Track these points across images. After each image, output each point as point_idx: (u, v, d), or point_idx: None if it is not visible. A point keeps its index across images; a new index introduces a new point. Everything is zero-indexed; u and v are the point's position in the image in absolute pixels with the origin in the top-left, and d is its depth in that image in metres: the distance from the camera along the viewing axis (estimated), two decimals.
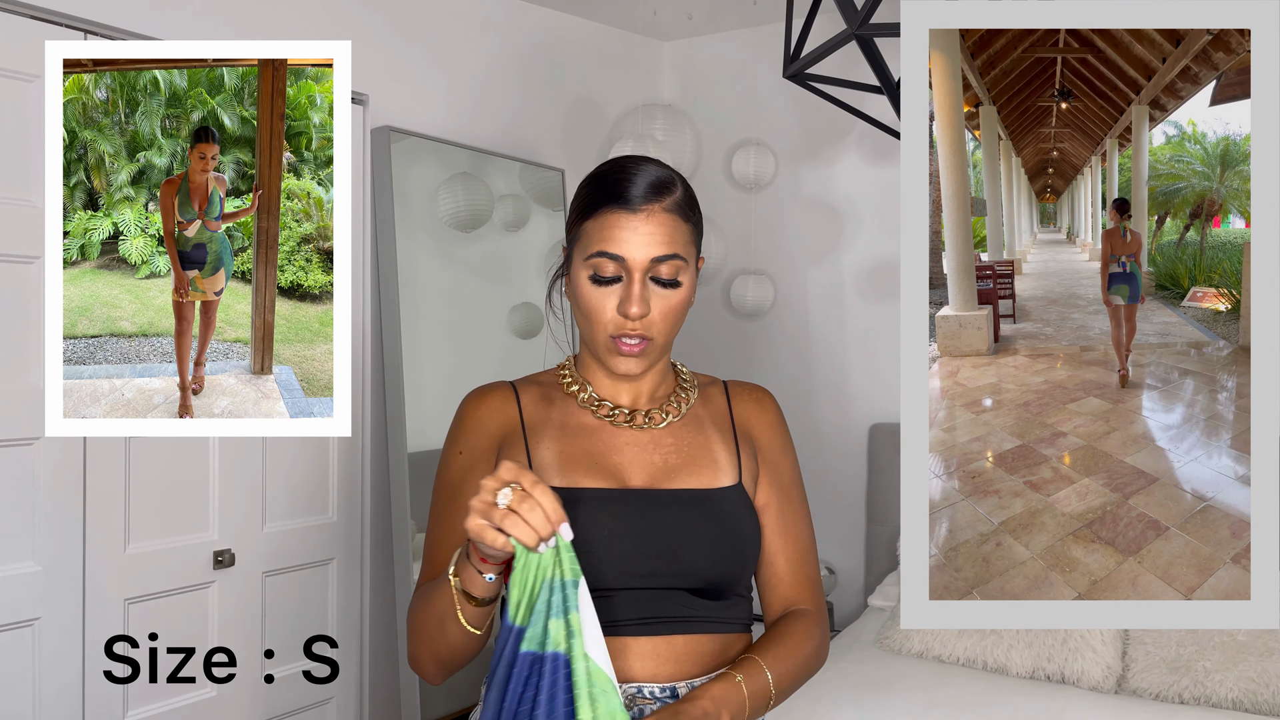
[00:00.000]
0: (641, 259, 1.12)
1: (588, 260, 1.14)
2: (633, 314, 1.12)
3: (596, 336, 1.16)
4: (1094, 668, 2.38)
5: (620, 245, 1.12)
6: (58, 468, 2.01)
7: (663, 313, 1.14)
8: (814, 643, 1.20)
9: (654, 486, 1.17)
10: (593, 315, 1.15)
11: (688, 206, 1.17)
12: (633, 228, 1.12)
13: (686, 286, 1.16)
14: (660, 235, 1.13)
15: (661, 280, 1.14)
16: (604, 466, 1.17)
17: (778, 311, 3.38)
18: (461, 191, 2.81)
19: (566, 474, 1.16)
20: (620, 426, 1.20)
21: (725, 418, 1.26)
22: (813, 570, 1.26)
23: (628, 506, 1.14)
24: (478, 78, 2.92)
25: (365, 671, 2.64)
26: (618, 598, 1.12)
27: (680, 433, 1.22)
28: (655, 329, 1.14)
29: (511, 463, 0.96)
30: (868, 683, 2.38)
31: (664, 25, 3.42)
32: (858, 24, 2.00)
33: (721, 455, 1.22)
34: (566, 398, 1.23)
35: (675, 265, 1.14)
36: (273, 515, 2.42)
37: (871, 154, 3.20)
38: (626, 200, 1.13)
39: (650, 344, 1.15)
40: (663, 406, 1.23)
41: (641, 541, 1.13)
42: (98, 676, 2.08)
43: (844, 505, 3.26)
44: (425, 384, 2.69)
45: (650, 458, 1.19)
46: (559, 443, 1.18)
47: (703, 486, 1.18)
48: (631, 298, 1.12)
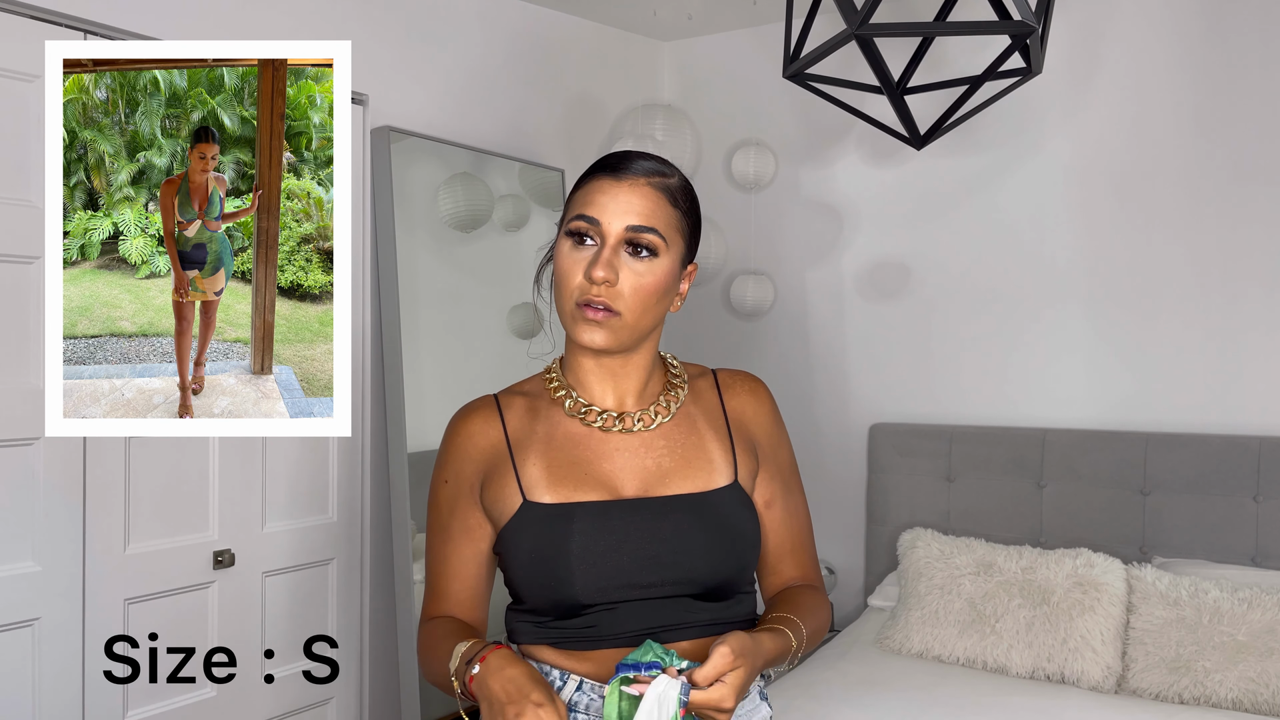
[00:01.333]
0: (617, 226, 1.10)
1: (567, 225, 1.13)
2: (596, 277, 1.08)
3: (565, 304, 1.13)
4: (1094, 668, 2.39)
5: (598, 209, 1.10)
6: (58, 468, 2.01)
7: (633, 288, 1.11)
8: (826, 612, 1.23)
9: (648, 494, 1.14)
10: (562, 280, 1.13)
11: (680, 194, 1.15)
12: (613, 193, 1.11)
13: (663, 268, 1.12)
14: (640, 205, 1.10)
15: (636, 247, 1.10)
16: (595, 477, 1.14)
17: (778, 311, 3.38)
18: (461, 191, 2.81)
19: (557, 489, 1.13)
20: (610, 432, 1.17)
21: (718, 413, 1.23)
22: (813, 549, 1.29)
23: (623, 519, 1.12)
24: (477, 78, 2.92)
25: (365, 671, 2.64)
26: (620, 610, 1.11)
27: (672, 433, 1.18)
28: (622, 303, 1.11)
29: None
30: (868, 683, 2.38)
31: (664, 25, 3.42)
32: (858, 24, 2.00)
33: (716, 454, 1.18)
34: (553, 405, 1.20)
35: (651, 239, 1.11)
36: (273, 515, 2.42)
37: (871, 154, 3.20)
38: (615, 170, 1.12)
39: (616, 319, 1.11)
40: (652, 407, 1.19)
41: (641, 553, 1.11)
42: (98, 676, 2.08)
43: (844, 505, 3.26)
44: (425, 384, 2.69)
45: (642, 462, 1.16)
46: (546, 457, 1.15)
47: (698, 490, 1.15)
48: (599, 261, 1.09)
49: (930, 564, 2.68)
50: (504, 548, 1.15)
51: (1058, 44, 2.86)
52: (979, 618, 2.53)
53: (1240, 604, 2.31)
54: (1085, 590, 2.45)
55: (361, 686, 2.64)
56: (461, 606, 1.20)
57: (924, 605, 2.63)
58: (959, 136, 3.01)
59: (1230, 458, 2.63)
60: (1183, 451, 2.69)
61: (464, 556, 1.19)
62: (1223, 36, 2.70)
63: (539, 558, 1.11)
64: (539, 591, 1.12)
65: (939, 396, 3.11)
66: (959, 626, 2.55)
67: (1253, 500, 2.61)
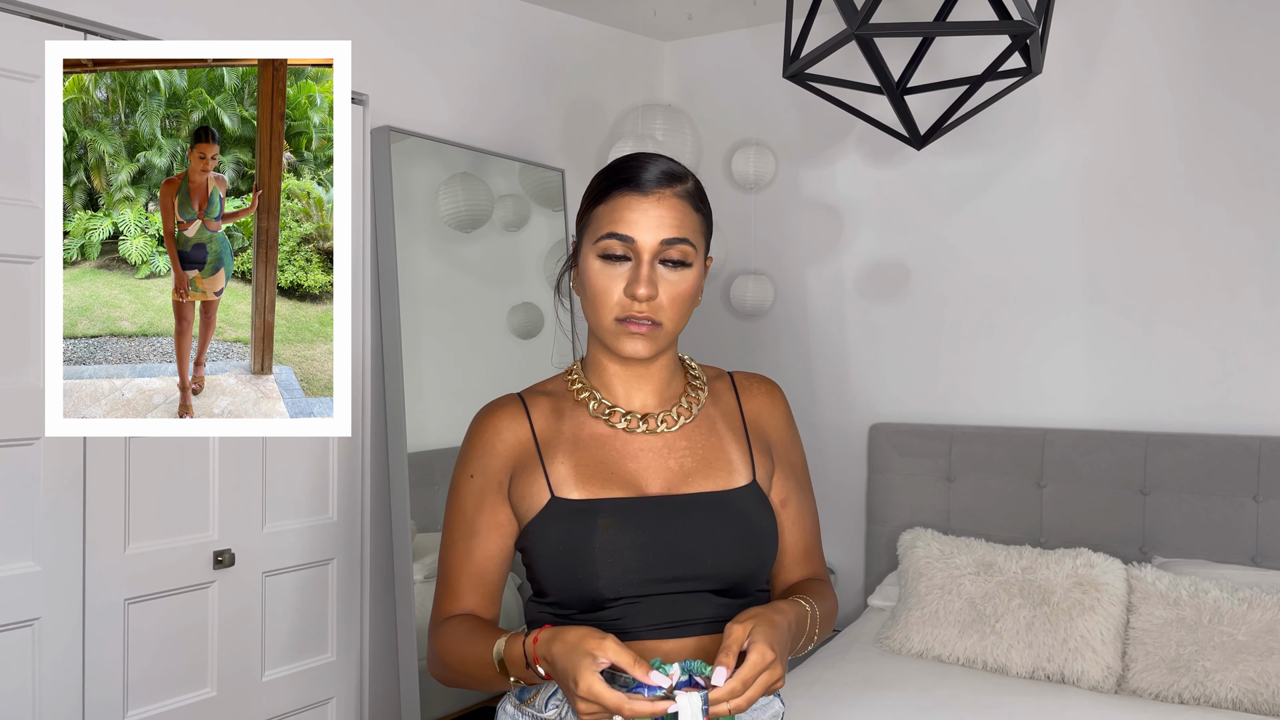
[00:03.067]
0: (651, 241, 1.12)
1: (597, 243, 1.14)
2: (641, 295, 1.11)
3: (603, 320, 1.15)
4: (1094, 668, 2.39)
5: (630, 226, 1.12)
6: (58, 468, 2.01)
7: (671, 298, 1.14)
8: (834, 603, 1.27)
9: (672, 492, 1.17)
10: (599, 298, 1.14)
11: (698, 198, 1.18)
12: (643, 209, 1.12)
13: (695, 274, 1.16)
14: (671, 218, 1.13)
15: (671, 261, 1.13)
16: (621, 476, 1.17)
17: (778, 311, 3.38)
18: (461, 191, 2.81)
19: (584, 487, 1.16)
20: (634, 433, 1.20)
21: (736, 415, 1.26)
22: (820, 546, 1.32)
23: (648, 514, 1.14)
24: (477, 78, 2.92)
25: (365, 672, 2.64)
26: (643, 604, 1.13)
27: (693, 435, 1.22)
28: (663, 314, 1.14)
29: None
30: (868, 683, 2.38)
31: (664, 25, 3.42)
32: (858, 24, 2.00)
33: (735, 455, 1.22)
34: (577, 406, 1.22)
35: (684, 250, 1.14)
36: (273, 515, 2.42)
37: (871, 154, 3.20)
38: (638, 184, 1.13)
39: (658, 329, 1.14)
40: (674, 408, 1.22)
41: (664, 548, 1.13)
42: (98, 676, 2.08)
43: (844, 505, 3.26)
44: (425, 384, 2.69)
45: (666, 463, 1.19)
46: (574, 456, 1.18)
47: (720, 488, 1.18)
48: (640, 279, 1.11)
49: (930, 564, 2.68)
50: (529, 542, 1.17)
51: (1058, 44, 2.86)
52: (979, 618, 2.53)
53: (1240, 604, 2.31)
54: (1085, 590, 2.45)
55: (361, 687, 2.64)
56: (483, 602, 1.21)
57: (924, 605, 2.63)
58: (959, 136, 3.01)
59: (1230, 458, 2.63)
60: (1183, 451, 2.69)
61: (489, 552, 1.21)
62: (1223, 37, 2.70)
63: (564, 551, 1.13)
64: (563, 585, 1.14)
65: (939, 396, 3.11)
66: (959, 626, 2.55)
67: (1253, 500, 2.61)
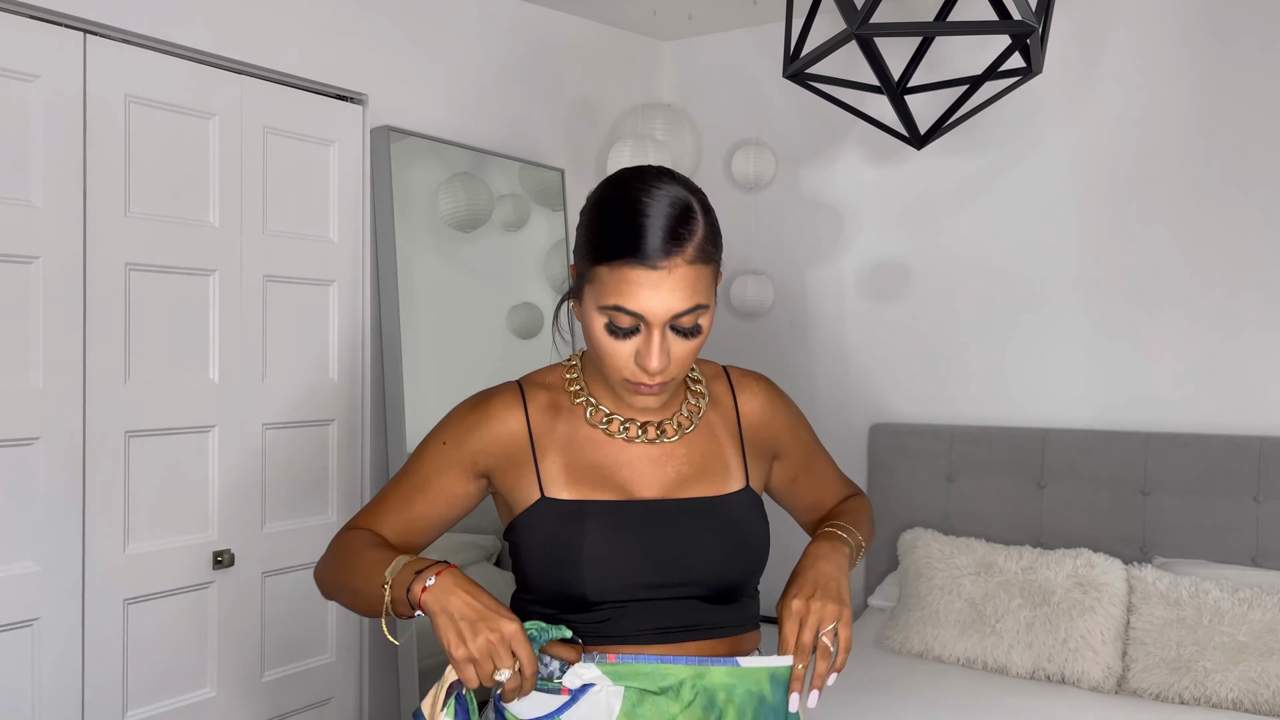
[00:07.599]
0: (662, 316, 1.04)
1: (603, 308, 1.06)
2: (652, 368, 1.06)
3: (610, 375, 1.11)
4: (1094, 668, 2.39)
5: (638, 303, 1.04)
6: (57, 468, 2.01)
7: (681, 358, 1.08)
8: (867, 507, 1.35)
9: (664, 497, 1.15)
10: (607, 360, 1.09)
11: (709, 243, 1.07)
12: (652, 284, 1.03)
13: (708, 324, 1.09)
14: (681, 291, 1.04)
15: (682, 330, 1.07)
16: (614, 481, 1.15)
17: (778, 311, 3.38)
18: (461, 191, 2.81)
19: (574, 488, 1.14)
20: (632, 441, 1.17)
21: (733, 419, 1.24)
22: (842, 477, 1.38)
23: (637, 519, 1.13)
24: (478, 77, 2.92)
25: (365, 672, 2.64)
26: (630, 609, 1.11)
27: (693, 442, 1.19)
28: (674, 370, 1.09)
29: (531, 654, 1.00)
30: (868, 683, 2.38)
31: (664, 25, 3.42)
32: (858, 24, 2.00)
33: (731, 460, 1.20)
34: (575, 406, 1.19)
35: (696, 315, 1.07)
36: (273, 515, 2.42)
37: (871, 154, 3.20)
38: (645, 256, 1.03)
39: (670, 383, 1.11)
40: (675, 417, 1.19)
41: (651, 554, 1.12)
42: (98, 676, 2.08)
43: None
44: (425, 384, 2.69)
45: (663, 470, 1.16)
46: (567, 456, 1.15)
47: (712, 494, 1.16)
48: (651, 352, 1.05)
49: (930, 564, 2.68)
50: (518, 537, 1.15)
51: (1058, 44, 2.86)
52: (979, 618, 2.53)
53: (1240, 604, 2.31)
54: (1085, 590, 2.45)
55: (361, 686, 2.64)
56: (399, 544, 1.18)
57: (924, 605, 2.63)
58: (959, 136, 3.01)
59: (1230, 458, 2.63)
60: (1183, 451, 2.69)
61: (428, 513, 1.19)
62: (1223, 36, 2.70)
63: (551, 552, 1.12)
64: (548, 585, 1.13)
65: (939, 396, 3.11)
66: (959, 627, 2.55)
67: (1253, 500, 2.61)
